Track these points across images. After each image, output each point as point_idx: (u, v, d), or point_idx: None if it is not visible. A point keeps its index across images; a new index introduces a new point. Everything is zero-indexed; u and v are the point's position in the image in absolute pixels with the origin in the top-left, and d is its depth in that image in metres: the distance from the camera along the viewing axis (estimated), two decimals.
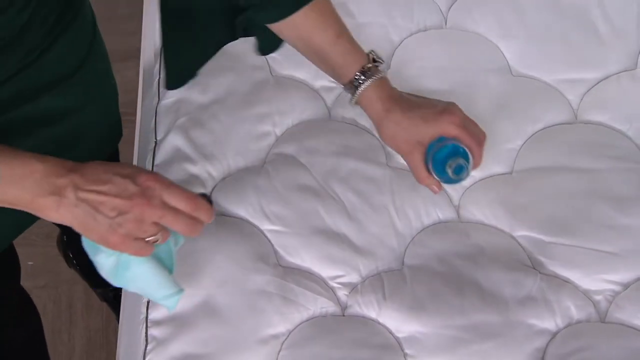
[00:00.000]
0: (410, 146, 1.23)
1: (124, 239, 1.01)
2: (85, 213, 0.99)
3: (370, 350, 1.22)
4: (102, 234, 1.00)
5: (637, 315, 1.25)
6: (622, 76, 1.54)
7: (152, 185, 1.00)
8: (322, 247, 1.33)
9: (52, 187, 0.98)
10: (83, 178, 0.98)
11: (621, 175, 1.40)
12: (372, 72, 1.24)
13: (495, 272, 1.30)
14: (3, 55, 1.12)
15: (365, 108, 1.27)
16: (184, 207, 1.02)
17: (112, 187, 0.98)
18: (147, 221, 1.00)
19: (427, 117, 1.21)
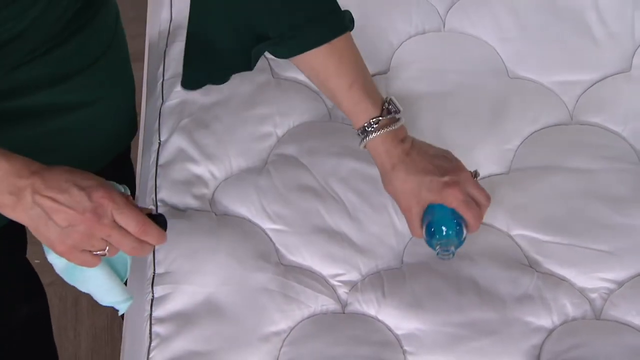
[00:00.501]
0: (410, 204, 1.24)
1: (71, 249, 1.02)
2: (38, 217, 1.00)
3: (370, 347, 1.22)
4: (51, 240, 1.02)
5: (632, 313, 1.25)
6: (617, 78, 1.54)
7: (105, 203, 1.00)
8: (322, 246, 1.33)
9: (12, 187, 1.00)
10: (43, 183, 0.99)
11: (616, 175, 1.40)
12: (381, 125, 1.23)
13: (493, 271, 1.30)
14: (14, 44, 1.12)
15: (372, 156, 1.27)
16: (132, 230, 1.03)
17: (68, 197, 0.99)
18: (95, 236, 1.02)
19: (431, 187, 1.22)
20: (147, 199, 1.40)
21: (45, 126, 1.28)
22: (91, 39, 1.28)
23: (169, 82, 1.54)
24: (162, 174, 1.42)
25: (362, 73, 1.26)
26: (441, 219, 1.23)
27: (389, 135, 1.24)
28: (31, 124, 1.26)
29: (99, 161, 1.45)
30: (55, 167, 1.02)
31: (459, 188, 1.22)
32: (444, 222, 1.24)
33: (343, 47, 1.24)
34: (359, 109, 1.24)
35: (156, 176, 1.42)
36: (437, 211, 1.24)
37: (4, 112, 1.21)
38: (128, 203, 1.03)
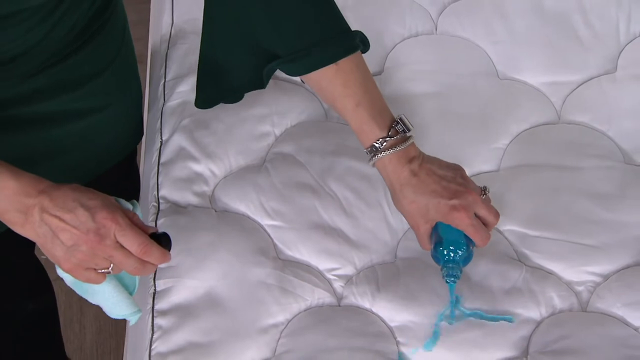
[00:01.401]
0: (418, 223, 1.22)
1: (76, 267, 1.02)
2: (46, 235, 1.00)
3: (364, 339, 1.22)
4: (57, 257, 1.02)
5: (617, 305, 1.25)
6: (602, 79, 1.54)
7: (108, 225, 1.00)
8: (319, 241, 1.33)
9: (21, 205, 1.00)
10: (51, 202, 1.00)
11: (602, 172, 1.40)
12: (388, 145, 1.21)
13: (483, 265, 1.29)
14: (27, 56, 1.12)
15: (381, 174, 1.25)
16: (134, 252, 1.03)
17: (74, 218, 0.99)
18: (98, 256, 1.01)
19: (438, 209, 1.20)
20: (150, 196, 1.40)
21: (56, 132, 1.27)
22: (101, 47, 1.28)
23: (170, 83, 1.54)
24: (163, 171, 1.42)
25: (370, 93, 1.23)
26: (449, 241, 1.21)
27: (395, 155, 1.21)
28: (43, 130, 1.26)
29: (107, 162, 1.45)
30: (62, 186, 1.02)
31: (466, 212, 1.19)
32: (452, 243, 1.21)
33: (351, 67, 1.22)
34: (365, 129, 1.22)
35: (158, 174, 1.42)
36: (446, 230, 1.21)
37: (16, 119, 1.21)
38: (130, 225, 1.02)
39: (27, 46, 1.13)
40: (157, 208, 1.37)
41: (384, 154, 1.21)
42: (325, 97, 1.27)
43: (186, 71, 1.54)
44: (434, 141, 1.45)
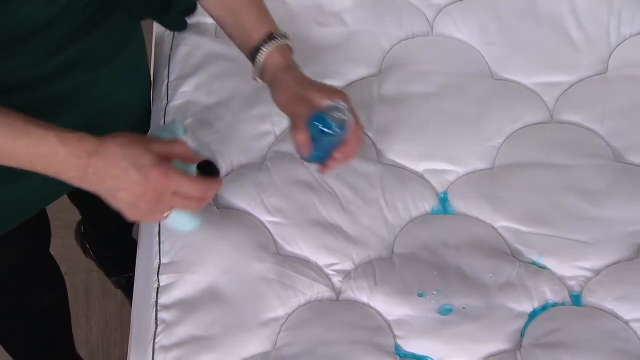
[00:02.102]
0: (299, 108, 1.18)
1: (142, 217, 1.05)
2: (106, 192, 1.02)
3: (362, 332, 1.22)
4: (122, 209, 1.03)
5: (608, 299, 1.25)
6: (594, 80, 1.54)
7: (163, 183, 1.00)
8: (318, 237, 1.33)
9: (74, 167, 1.00)
10: (103, 165, 1.00)
11: (593, 170, 1.40)
12: (279, 38, 1.21)
13: (478, 260, 1.30)
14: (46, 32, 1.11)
15: (266, 68, 1.22)
16: (195, 197, 1.04)
17: (127, 178, 1.00)
18: (159, 209, 1.03)
19: (321, 88, 1.19)
20: None
21: (67, 115, 1.27)
22: (117, 26, 1.26)
23: (174, 83, 1.54)
24: None
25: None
26: (326, 114, 1.16)
27: (285, 48, 1.22)
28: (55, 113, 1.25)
29: None
30: (109, 144, 1.01)
31: (344, 95, 1.18)
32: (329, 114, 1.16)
33: None
34: (261, 22, 1.22)
35: None
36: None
37: (32, 100, 1.20)
38: (183, 177, 1.02)
39: (45, 19, 1.11)
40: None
41: (278, 43, 1.21)
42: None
43: (189, 72, 1.54)
44: (430, 140, 1.46)
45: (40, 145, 0.99)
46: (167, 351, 1.21)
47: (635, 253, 1.31)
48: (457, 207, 1.39)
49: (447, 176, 1.43)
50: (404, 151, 1.45)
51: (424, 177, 1.43)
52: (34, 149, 1.00)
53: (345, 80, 1.55)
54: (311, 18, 1.62)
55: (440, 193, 1.41)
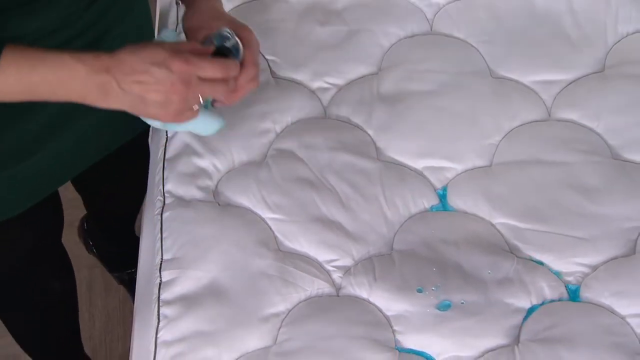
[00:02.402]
0: (201, 34, 1.17)
1: (175, 116, 1.04)
2: (133, 100, 1.01)
3: (362, 327, 1.23)
4: (154, 114, 1.03)
5: (604, 295, 1.25)
6: (591, 78, 1.53)
7: (186, 69, 1.00)
8: (318, 234, 1.33)
9: (96, 84, 1.00)
10: (122, 73, 0.99)
11: (590, 167, 1.40)
12: None
13: (476, 256, 1.30)
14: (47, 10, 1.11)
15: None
16: (220, 77, 1.03)
17: (151, 77, 0.99)
18: (190, 99, 1.02)
19: (230, 20, 1.18)
20: (155, 190, 1.40)
21: None
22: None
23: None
24: (169, 167, 1.42)
25: None
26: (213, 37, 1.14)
27: None
28: None
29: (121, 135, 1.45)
30: (121, 55, 1.01)
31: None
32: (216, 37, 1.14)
33: None
34: None
35: (164, 169, 1.42)
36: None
37: None
38: (203, 58, 1.02)
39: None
40: (163, 202, 1.38)
41: None
42: None
43: None
44: (428, 136, 1.46)
45: (57, 69, 0.99)
46: (169, 346, 1.21)
47: (631, 249, 1.31)
48: (455, 204, 1.39)
49: (445, 173, 1.43)
50: (403, 148, 1.45)
51: (423, 174, 1.43)
52: (52, 75, 0.99)
53: (345, 78, 1.55)
54: (312, 16, 1.62)
55: (438, 190, 1.41)
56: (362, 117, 1.49)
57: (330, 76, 1.55)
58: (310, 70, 1.55)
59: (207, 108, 1.13)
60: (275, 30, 1.60)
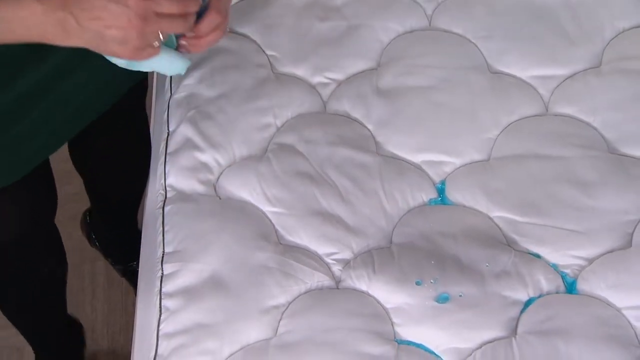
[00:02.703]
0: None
1: (134, 52, 1.02)
2: (92, 37, 1.00)
3: (361, 319, 1.23)
4: (114, 52, 1.02)
5: (600, 287, 1.26)
6: (588, 73, 1.53)
7: (143, 4, 0.99)
8: (318, 227, 1.34)
9: (54, 21, 0.99)
10: (81, 9, 0.98)
11: (587, 162, 1.40)
12: None
13: (474, 249, 1.30)
14: None
15: None
16: (177, 12, 1.02)
17: (108, 13, 0.98)
18: (148, 35, 1.01)
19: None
20: (157, 184, 1.41)
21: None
22: None
23: (176, 76, 1.54)
24: (170, 161, 1.42)
25: None
26: None
27: None
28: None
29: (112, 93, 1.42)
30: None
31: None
32: None
33: None
34: None
35: (165, 163, 1.42)
36: None
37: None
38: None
39: None
40: (165, 195, 1.38)
41: None
42: None
43: (191, 65, 1.54)
44: (427, 131, 1.46)
45: (16, 9, 0.99)
46: (171, 338, 1.21)
47: (628, 242, 1.31)
48: (454, 198, 1.39)
49: (444, 167, 1.43)
50: (402, 143, 1.45)
51: (422, 168, 1.43)
52: (13, 13, 0.99)
53: (345, 73, 1.55)
54: (312, 12, 1.62)
55: (437, 184, 1.41)
56: (361, 112, 1.49)
57: (330, 71, 1.55)
58: (310, 66, 1.56)
59: (170, 47, 1.11)
60: (275, 26, 1.61)
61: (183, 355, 1.20)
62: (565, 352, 1.17)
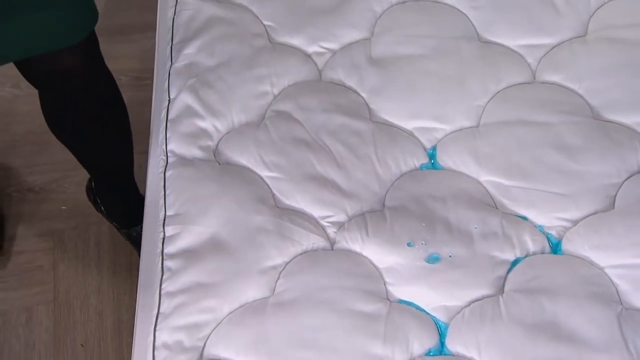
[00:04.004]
0: None
1: None
2: None
3: (355, 279, 1.24)
4: None
5: (584, 247, 1.26)
6: (574, 42, 1.53)
7: None
8: (313, 191, 1.34)
9: None
10: None
11: (572, 127, 1.40)
12: None
13: (463, 212, 1.31)
14: None
15: None
16: None
17: None
18: None
19: None
20: (159, 150, 1.41)
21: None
22: None
23: (177, 46, 1.53)
24: (171, 127, 1.42)
25: None
26: None
27: None
28: None
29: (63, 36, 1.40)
30: None
31: None
32: None
33: None
34: None
35: (166, 130, 1.42)
36: None
37: None
38: None
39: None
40: (166, 161, 1.38)
41: None
42: None
43: (191, 35, 1.54)
44: (419, 98, 1.46)
45: None
46: (173, 297, 1.22)
47: (610, 204, 1.32)
48: (444, 163, 1.40)
49: (435, 133, 1.43)
50: (394, 110, 1.45)
51: (414, 135, 1.43)
52: None
53: (339, 42, 1.54)
54: None
55: (428, 149, 1.42)
56: (355, 80, 1.49)
57: (325, 41, 1.54)
58: (305, 35, 1.55)
59: None
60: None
61: (184, 314, 1.21)
62: (550, 309, 1.18)
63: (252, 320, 1.20)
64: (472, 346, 1.17)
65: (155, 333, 1.20)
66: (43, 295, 1.95)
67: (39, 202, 2.11)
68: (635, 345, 1.14)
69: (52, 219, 2.08)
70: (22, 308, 1.93)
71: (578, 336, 1.15)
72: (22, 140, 2.21)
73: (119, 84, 1.66)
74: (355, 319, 1.19)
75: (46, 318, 1.92)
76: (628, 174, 1.35)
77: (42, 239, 2.05)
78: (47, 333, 1.90)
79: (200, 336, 1.19)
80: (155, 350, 1.18)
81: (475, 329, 1.18)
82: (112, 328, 1.95)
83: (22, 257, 2.01)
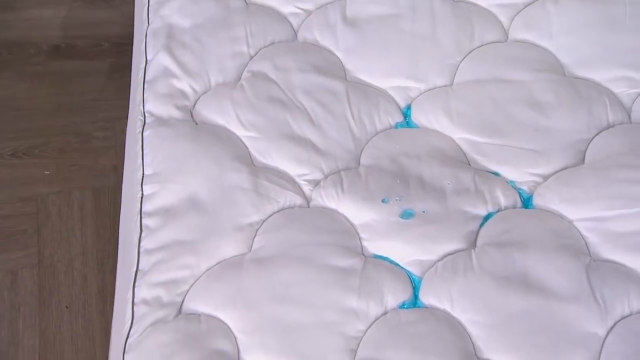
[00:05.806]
0: None
1: None
2: None
3: (331, 235, 1.24)
4: None
5: (554, 201, 1.27)
6: (546, 1, 1.52)
7: None
8: (289, 150, 1.34)
9: None
10: None
11: (544, 84, 1.40)
12: None
13: (437, 168, 1.31)
14: None
15: None
16: None
17: None
18: None
19: None
20: (136, 110, 1.40)
21: None
22: None
23: (153, 7, 1.52)
24: (149, 88, 1.41)
25: None
26: None
27: None
28: None
29: None
30: None
31: None
32: None
33: None
34: None
35: (144, 90, 1.41)
36: None
37: None
38: None
39: None
40: (144, 121, 1.37)
41: None
42: None
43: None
44: (393, 58, 1.46)
45: None
46: (151, 254, 1.22)
47: (580, 160, 1.32)
48: (418, 121, 1.40)
49: (409, 92, 1.43)
50: (369, 69, 1.45)
51: (388, 93, 1.43)
52: None
53: (314, 3, 1.54)
54: None
55: (403, 108, 1.42)
56: (330, 40, 1.48)
57: (300, 1, 1.54)
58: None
59: None
60: None
61: (163, 270, 1.20)
62: (520, 262, 1.19)
63: (230, 276, 1.19)
64: (444, 298, 1.17)
65: (134, 290, 1.20)
66: (27, 259, 1.94)
67: (22, 167, 2.09)
68: (602, 294, 1.15)
69: (35, 183, 2.07)
70: (7, 271, 1.92)
71: (547, 287, 1.16)
72: (4, 105, 2.20)
73: (101, 50, 1.65)
74: (330, 273, 1.19)
75: (31, 281, 1.91)
76: (597, 129, 1.35)
77: (26, 203, 2.04)
78: (32, 295, 1.89)
79: (179, 292, 1.19)
80: (134, 306, 1.18)
81: (447, 281, 1.18)
82: (97, 291, 1.94)
83: (6, 222, 2.00)
